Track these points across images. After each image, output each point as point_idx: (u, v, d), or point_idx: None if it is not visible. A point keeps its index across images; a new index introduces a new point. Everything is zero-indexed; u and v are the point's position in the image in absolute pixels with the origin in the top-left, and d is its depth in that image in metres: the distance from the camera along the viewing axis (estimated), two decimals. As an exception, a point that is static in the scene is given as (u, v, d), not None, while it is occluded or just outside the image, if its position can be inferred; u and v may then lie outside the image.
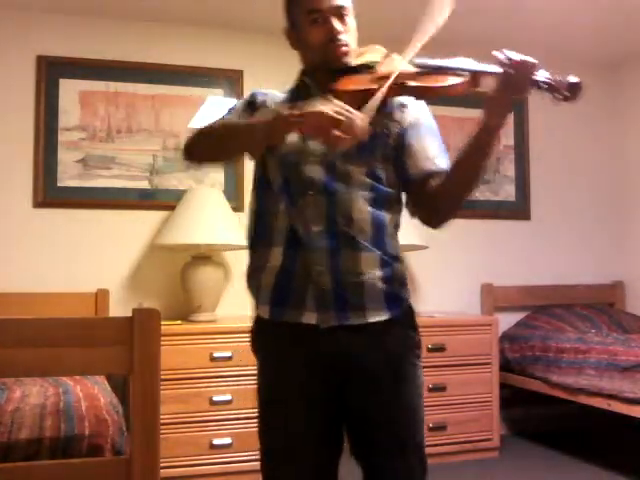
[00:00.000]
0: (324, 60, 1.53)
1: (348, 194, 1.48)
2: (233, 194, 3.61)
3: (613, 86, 4.42)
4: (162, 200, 3.55)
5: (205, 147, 1.59)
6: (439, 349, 3.41)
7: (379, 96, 1.41)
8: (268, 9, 3.47)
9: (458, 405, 3.43)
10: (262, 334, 1.59)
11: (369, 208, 1.50)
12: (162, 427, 1.54)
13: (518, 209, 4.18)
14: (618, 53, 4.21)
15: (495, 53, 1.40)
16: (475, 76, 1.46)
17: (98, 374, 2.50)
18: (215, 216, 3.29)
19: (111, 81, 3.52)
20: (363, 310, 1.49)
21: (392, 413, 1.50)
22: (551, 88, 1.43)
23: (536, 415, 4.00)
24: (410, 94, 1.52)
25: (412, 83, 1.47)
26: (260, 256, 1.55)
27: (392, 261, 1.53)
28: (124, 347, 1.46)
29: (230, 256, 3.61)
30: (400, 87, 1.46)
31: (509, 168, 4.15)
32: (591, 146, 4.36)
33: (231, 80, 3.71)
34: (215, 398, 3.06)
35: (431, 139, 1.58)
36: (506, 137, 4.14)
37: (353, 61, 1.53)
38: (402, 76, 1.46)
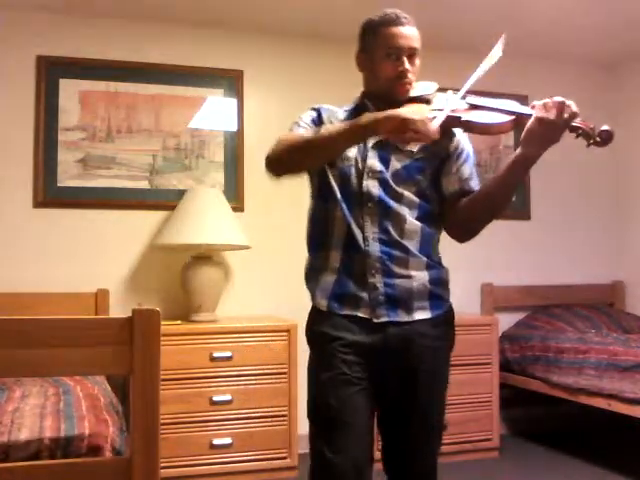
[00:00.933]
0: (388, 92, 1.72)
1: (400, 209, 1.69)
2: (233, 194, 3.61)
3: (613, 86, 4.43)
4: (162, 200, 3.55)
5: (290, 159, 1.72)
6: (439, 349, 3.41)
7: (443, 113, 1.60)
8: (268, 9, 3.48)
9: (458, 405, 3.43)
10: (319, 324, 1.79)
11: (417, 222, 1.70)
12: (162, 427, 1.54)
13: (518, 209, 4.18)
14: (618, 53, 4.21)
15: (540, 103, 1.56)
16: (520, 118, 1.62)
17: (98, 374, 2.50)
18: (215, 216, 3.29)
19: (111, 81, 3.52)
20: (410, 309, 1.69)
21: (425, 406, 1.73)
22: (585, 134, 1.62)
23: (536, 415, 4.00)
24: (461, 127, 1.70)
25: (465, 117, 1.65)
26: (319, 258, 1.78)
27: (437, 265, 1.75)
28: (124, 347, 1.46)
29: (230, 256, 3.61)
30: (453, 119, 1.64)
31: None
32: (591, 146, 4.35)
33: (231, 80, 3.71)
34: (215, 398, 3.06)
35: (467, 166, 1.78)
36: (506, 137, 4.14)
37: (412, 92, 1.72)
38: (456, 110, 1.65)
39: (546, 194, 4.24)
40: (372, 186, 1.69)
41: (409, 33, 1.70)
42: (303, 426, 3.31)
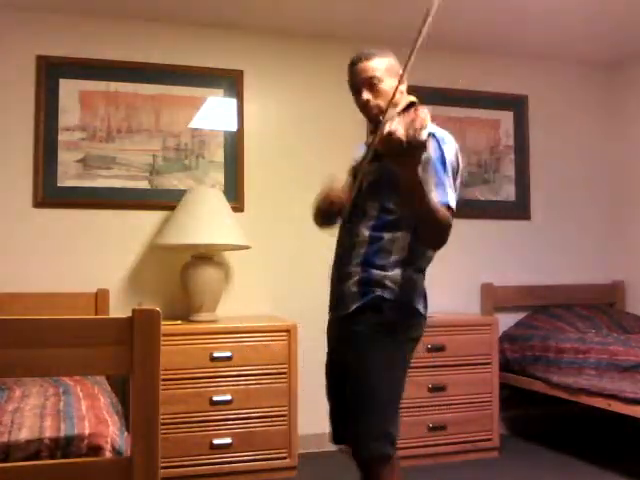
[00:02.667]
0: (367, 119, 2.04)
1: (359, 223, 1.97)
2: (233, 194, 3.61)
3: (613, 86, 4.43)
4: (162, 200, 3.55)
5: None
6: (439, 349, 3.41)
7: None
8: (268, 9, 3.48)
9: (458, 405, 3.43)
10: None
11: (367, 232, 1.95)
12: (162, 427, 1.54)
13: (518, 209, 4.17)
14: (618, 53, 4.21)
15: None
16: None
17: (98, 374, 2.51)
18: (215, 216, 3.29)
19: (111, 81, 3.52)
20: (346, 304, 1.98)
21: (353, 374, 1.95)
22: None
23: (536, 415, 4.00)
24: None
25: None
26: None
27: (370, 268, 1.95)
28: (124, 347, 1.46)
29: (230, 256, 3.61)
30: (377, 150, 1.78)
31: (509, 168, 4.15)
32: (591, 146, 4.36)
33: (231, 80, 3.71)
34: (215, 398, 3.06)
35: (430, 176, 1.82)
36: (506, 137, 4.14)
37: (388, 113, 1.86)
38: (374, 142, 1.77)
39: (546, 194, 4.24)
40: (347, 208, 2.03)
41: (362, 68, 1.95)
42: (303, 426, 3.32)
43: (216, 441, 3.05)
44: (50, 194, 3.40)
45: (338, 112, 3.71)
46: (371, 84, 1.95)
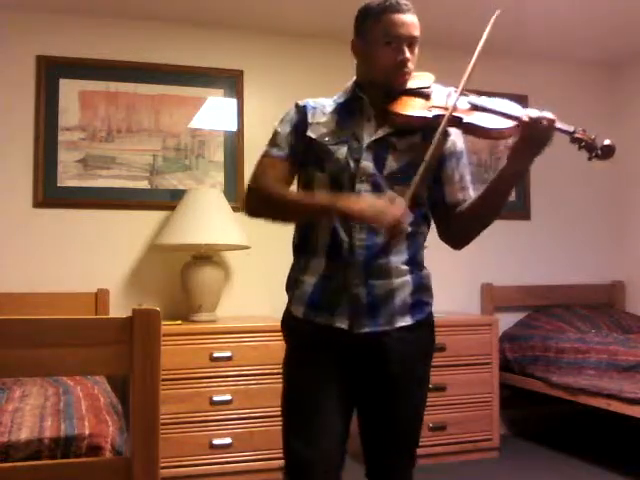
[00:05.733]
0: (385, 81, 1.64)
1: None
2: (233, 194, 3.61)
3: (613, 86, 4.43)
4: (162, 200, 3.55)
5: (263, 214, 1.76)
6: (439, 349, 3.40)
7: (417, 181, 1.54)
8: (268, 9, 3.48)
9: (458, 405, 3.43)
10: (293, 329, 1.76)
11: (408, 228, 1.63)
12: (162, 427, 1.54)
13: (518, 209, 4.18)
14: (618, 53, 4.21)
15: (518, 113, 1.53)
16: (521, 124, 1.53)
17: (98, 374, 2.51)
18: (215, 216, 3.29)
19: (111, 81, 3.52)
20: (392, 316, 1.64)
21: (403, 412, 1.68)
22: (588, 146, 1.57)
23: (536, 415, 4.00)
24: (462, 129, 1.63)
25: (466, 119, 1.58)
26: (300, 262, 1.72)
27: (419, 271, 1.71)
28: (124, 347, 1.46)
29: (230, 256, 3.61)
30: (455, 121, 1.59)
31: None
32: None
33: (231, 80, 3.71)
34: (215, 398, 3.06)
35: (466, 170, 1.75)
36: (506, 137, 4.14)
37: (409, 84, 1.65)
38: (458, 109, 1.58)
39: (546, 194, 4.24)
40: (365, 190, 1.61)
41: (410, 21, 1.61)
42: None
43: (216, 441, 3.05)
44: (50, 194, 3.40)
45: (338, 112, 3.70)
46: (412, 44, 1.63)
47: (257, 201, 1.73)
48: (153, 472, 1.47)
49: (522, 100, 4.19)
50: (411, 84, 1.65)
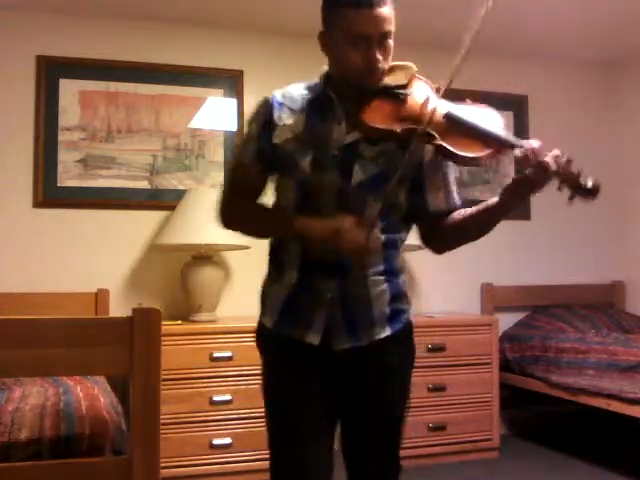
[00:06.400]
0: (356, 82, 1.46)
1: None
2: (233, 194, 3.61)
3: (613, 86, 4.42)
4: (162, 200, 3.55)
5: (234, 226, 1.71)
6: (439, 349, 3.41)
7: (385, 195, 1.45)
8: (268, 9, 3.48)
9: (458, 405, 3.43)
10: (265, 339, 1.69)
11: (382, 235, 1.51)
12: (162, 427, 1.54)
13: (518, 209, 4.17)
14: (618, 53, 4.21)
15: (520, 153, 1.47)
16: (500, 149, 1.45)
17: (98, 374, 2.50)
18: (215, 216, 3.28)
19: (111, 81, 3.52)
20: (371, 328, 1.54)
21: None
22: (572, 186, 1.53)
23: (536, 415, 3.99)
24: (434, 148, 1.47)
25: (439, 141, 1.43)
26: (272, 273, 1.68)
27: (395, 277, 1.58)
28: (124, 347, 1.46)
29: (230, 256, 3.61)
30: (427, 138, 1.44)
31: (509, 168, 4.14)
32: (590, 146, 4.35)
33: (231, 80, 3.71)
34: (215, 398, 3.06)
35: (449, 171, 1.59)
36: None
37: (387, 80, 1.49)
38: (432, 124, 1.43)
39: (546, 194, 4.22)
40: (331, 204, 1.49)
41: (379, 15, 1.38)
42: (303, 426, 3.31)
43: (216, 441, 3.05)
44: (50, 194, 3.40)
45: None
46: (381, 41, 1.42)
47: (224, 216, 1.67)
48: (153, 472, 1.47)
49: (522, 100, 4.20)
50: (389, 80, 1.49)
